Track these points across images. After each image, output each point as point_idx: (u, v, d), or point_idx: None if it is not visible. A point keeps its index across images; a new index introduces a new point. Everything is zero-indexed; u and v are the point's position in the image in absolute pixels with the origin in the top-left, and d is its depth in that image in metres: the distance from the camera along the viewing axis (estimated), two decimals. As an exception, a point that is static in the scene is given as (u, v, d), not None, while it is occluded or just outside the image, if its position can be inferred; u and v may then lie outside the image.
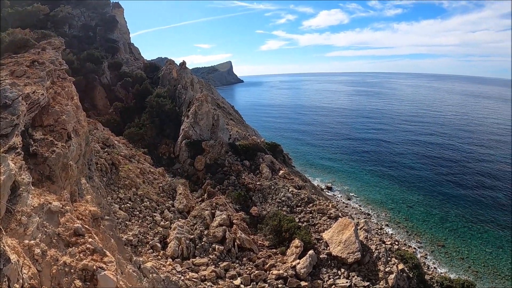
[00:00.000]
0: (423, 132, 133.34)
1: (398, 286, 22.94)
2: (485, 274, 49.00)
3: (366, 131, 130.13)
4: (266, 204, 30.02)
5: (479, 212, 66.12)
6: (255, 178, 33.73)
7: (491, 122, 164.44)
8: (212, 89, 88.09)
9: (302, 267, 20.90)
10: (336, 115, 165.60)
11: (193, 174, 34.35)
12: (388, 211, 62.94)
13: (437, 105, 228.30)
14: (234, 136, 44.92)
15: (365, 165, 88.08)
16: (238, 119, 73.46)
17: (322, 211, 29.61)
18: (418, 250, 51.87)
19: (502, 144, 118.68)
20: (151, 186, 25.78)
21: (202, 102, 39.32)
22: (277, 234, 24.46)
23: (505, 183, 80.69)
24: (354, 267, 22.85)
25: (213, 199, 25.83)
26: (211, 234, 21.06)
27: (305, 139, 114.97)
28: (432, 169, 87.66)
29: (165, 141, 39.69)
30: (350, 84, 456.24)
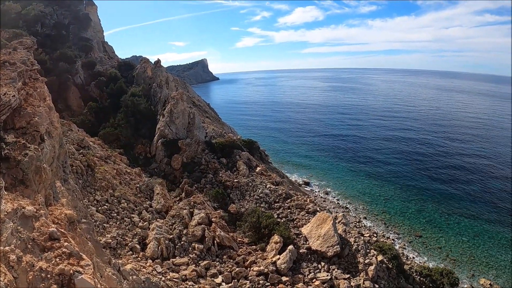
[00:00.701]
0: (398, 127, 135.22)
1: (378, 277, 23.25)
2: (463, 262, 50.13)
3: (342, 127, 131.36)
4: (244, 201, 30.00)
5: (455, 203, 67.57)
6: (232, 176, 33.67)
7: (464, 116, 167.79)
8: (187, 87, 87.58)
9: (282, 263, 20.96)
10: (312, 111, 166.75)
11: (170, 173, 34.09)
12: (366, 204, 63.73)
13: (412, 100, 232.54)
14: (210, 134, 44.80)
15: (342, 160, 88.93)
16: (214, 117, 73.24)
17: (300, 206, 29.75)
18: (396, 241, 52.69)
19: (475, 137, 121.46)
20: (128, 187, 25.46)
21: (177, 101, 39.00)
22: (256, 231, 24.47)
23: (478, 175, 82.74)
24: (334, 260, 23.07)
25: (191, 198, 25.69)
26: (190, 233, 20.92)
27: (281, 135, 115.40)
28: (407, 163, 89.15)
29: (141, 140, 39.23)
30: (326, 80, 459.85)
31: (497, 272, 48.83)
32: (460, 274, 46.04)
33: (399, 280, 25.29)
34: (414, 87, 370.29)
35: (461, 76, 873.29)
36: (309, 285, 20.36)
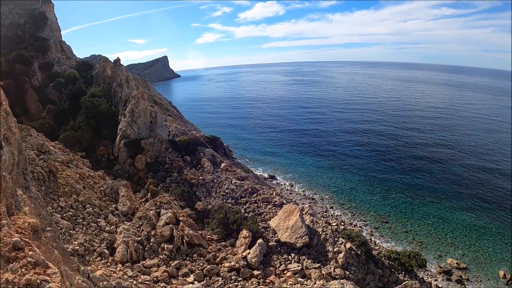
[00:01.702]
0: (359, 118, 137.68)
1: (348, 264, 23.70)
2: (429, 244, 51.79)
3: (304, 121, 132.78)
4: (210, 198, 29.89)
5: (418, 189, 69.70)
6: (197, 173, 33.50)
7: (424, 106, 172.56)
8: (148, 85, 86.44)
9: (253, 257, 21.05)
10: (274, 105, 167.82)
11: (134, 174, 33.56)
12: (332, 194, 64.72)
13: (372, 91, 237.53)
14: (173, 132, 44.38)
15: (306, 153, 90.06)
16: (177, 115, 72.61)
17: (267, 200, 29.93)
18: (363, 228, 53.80)
19: (436, 127, 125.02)
20: (92, 191, 24.90)
21: (138, 100, 38.40)
22: (225, 227, 24.48)
23: (439, 162, 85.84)
24: (303, 251, 23.39)
25: (157, 198, 25.39)
26: (159, 234, 20.69)
27: (244, 130, 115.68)
28: (370, 153, 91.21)
29: (103, 142, 38.39)
30: (287, 74, 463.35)
31: (462, 252, 50.65)
32: (427, 256, 47.72)
33: (368, 265, 25.80)
34: (374, 79, 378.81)
35: (420, 67, 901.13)
36: (281, 277, 20.52)
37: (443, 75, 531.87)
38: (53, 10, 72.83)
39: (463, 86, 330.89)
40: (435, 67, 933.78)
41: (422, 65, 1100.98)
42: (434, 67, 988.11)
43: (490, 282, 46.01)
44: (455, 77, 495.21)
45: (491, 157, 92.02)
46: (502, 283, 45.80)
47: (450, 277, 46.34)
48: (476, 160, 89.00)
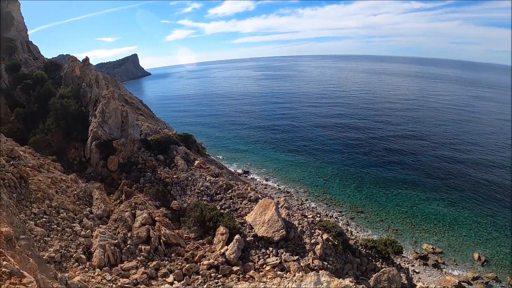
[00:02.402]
0: (331, 110, 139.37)
1: (326, 254, 23.92)
2: (404, 231, 53.08)
3: (277, 115, 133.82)
4: (185, 196, 29.79)
5: (391, 179, 71.31)
6: (171, 172, 33.32)
7: (394, 97, 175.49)
8: (118, 84, 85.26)
9: (231, 253, 21.08)
10: (246, 101, 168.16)
11: (107, 176, 33.11)
12: (306, 187, 65.43)
13: (343, 84, 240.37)
14: (145, 131, 43.96)
15: (279, 147, 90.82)
16: (148, 114, 71.90)
17: (242, 195, 30.00)
18: (339, 219, 54.66)
19: (406, 118, 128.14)
20: (65, 195, 24.44)
21: (109, 99, 37.84)
22: (201, 225, 24.41)
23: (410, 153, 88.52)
24: (281, 244, 23.53)
25: (132, 199, 25.12)
26: (135, 235, 20.47)
27: (217, 128, 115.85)
28: (343, 145, 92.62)
29: (74, 144, 37.66)
30: (258, 69, 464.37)
31: (437, 237, 52.09)
32: (403, 242, 48.99)
33: (346, 255, 26.14)
34: (345, 72, 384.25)
35: (390, 59, 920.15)
36: (260, 271, 20.59)
37: (413, 67, 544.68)
38: (19, 9, 70.75)
39: (432, 78, 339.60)
40: (405, 60, 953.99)
41: (392, 58, 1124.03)
42: (404, 59, 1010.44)
43: (465, 265, 47.50)
44: (425, 69, 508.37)
45: (462, 146, 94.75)
46: (477, 265, 47.41)
47: (426, 262, 47.68)
48: (447, 150, 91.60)
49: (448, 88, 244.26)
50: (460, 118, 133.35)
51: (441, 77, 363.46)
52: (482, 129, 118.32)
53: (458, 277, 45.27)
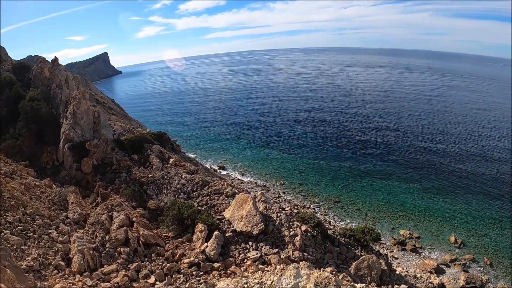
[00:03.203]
0: (304, 104, 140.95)
1: (305, 245, 24.20)
2: (381, 218, 54.31)
3: (250, 109, 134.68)
4: (162, 195, 29.59)
5: (366, 168, 72.79)
6: (146, 171, 33.00)
7: (366, 88, 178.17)
8: (89, 84, 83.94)
9: (211, 249, 21.09)
10: (219, 97, 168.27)
11: (81, 179, 32.61)
12: (283, 179, 66.09)
13: (315, 77, 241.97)
14: (118, 131, 43.51)
15: (254, 141, 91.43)
16: (121, 113, 71.09)
17: (219, 191, 29.96)
18: (317, 209, 55.44)
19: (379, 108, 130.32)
20: (40, 201, 23.99)
21: (79, 100, 37.16)
22: (180, 223, 24.33)
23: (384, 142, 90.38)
24: (260, 238, 23.69)
25: (108, 201, 24.76)
26: (113, 238, 20.22)
27: (191, 124, 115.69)
28: (318, 137, 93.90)
29: (46, 148, 36.81)
30: (230, 64, 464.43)
31: (414, 222, 53.49)
32: (381, 229, 50.34)
33: (325, 245, 26.56)
34: (317, 64, 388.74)
35: (361, 51, 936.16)
36: (241, 266, 20.67)
37: (384, 58, 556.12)
38: (-16, 12, 68.71)
39: (403, 68, 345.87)
40: (376, 51, 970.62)
41: (363, 49, 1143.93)
42: (375, 50, 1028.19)
43: (443, 248, 48.96)
44: (396, 59, 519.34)
45: (434, 136, 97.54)
46: (454, 247, 49.01)
47: (404, 247, 48.98)
48: (420, 139, 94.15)
49: (419, 78, 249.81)
50: (432, 107, 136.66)
51: (412, 67, 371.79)
52: (453, 118, 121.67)
53: (436, 260, 46.67)
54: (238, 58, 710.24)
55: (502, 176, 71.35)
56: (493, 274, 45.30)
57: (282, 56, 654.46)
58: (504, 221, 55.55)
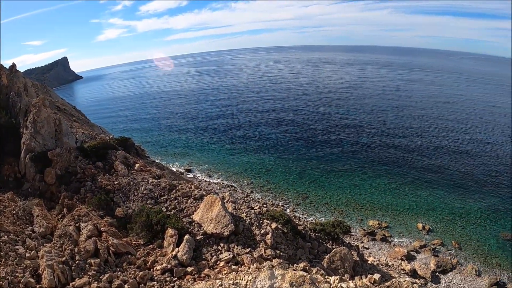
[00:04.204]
0: (268, 102, 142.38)
1: (277, 243, 24.49)
2: (350, 211, 55.81)
3: (213, 111, 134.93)
4: (130, 202, 29.11)
5: (331, 162, 74.38)
6: (112, 178, 32.38)
7: (329, 86, 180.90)
8: (49, 91, 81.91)
9: (183, 254, 20.96)
10: (182, 99, 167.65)
11: (46, 190, 31.66)
12: (250, 178, 66.61)
13: (278, 75, 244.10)
14: (81, 138, 42.68)
15: (219, 142, 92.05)
16: (83, 119, 69.67)
17: (187, 194, 29.82)
18: (285, 206, 56.15)
19: (342, 104, 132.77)
20: (4, 216, 23.17)
21: (40, 108, 36.10)
22: (149, 229, 24.01)
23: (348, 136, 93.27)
24: (232, 239, 23.78)
25: (74, 212, 24.23)
26: (83, 249, 19.76)
27: (155, 128, 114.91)
28: (282, 135, 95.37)
29: (7, 160, 35.46)
30: (193, 65, 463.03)
31: (382, 213, 55.11)
32: (350, 222, 51.77)
33: (297, 241, 26.99)
34: (279, 63, 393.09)
35: (324, 48, 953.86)
36: (215, 268, 20.66)
37: (346, 55, 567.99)
38: None
39: (365, 64, 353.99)
40: (338, 48, 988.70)
41: (326, 47, 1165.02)
42: (338, 48, 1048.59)
43: (412, 235, 50.78)
44: (358, 56, 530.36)
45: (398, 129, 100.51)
46: (422, 234, 51.15)
47: (374, 237, 50.44)
48: (384, 132, 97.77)
49: (381, 74, 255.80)
50: (394, 102, 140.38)
51: (374, 63, 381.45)
52: (416, 112, 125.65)
53: (406, 247, 48.30)
54: (201, 59, 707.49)
55: (464, 165, 74.68)
56: (463, 256, 47.53)
57: (245, 56, 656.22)
58: (468, 205, 58.13)
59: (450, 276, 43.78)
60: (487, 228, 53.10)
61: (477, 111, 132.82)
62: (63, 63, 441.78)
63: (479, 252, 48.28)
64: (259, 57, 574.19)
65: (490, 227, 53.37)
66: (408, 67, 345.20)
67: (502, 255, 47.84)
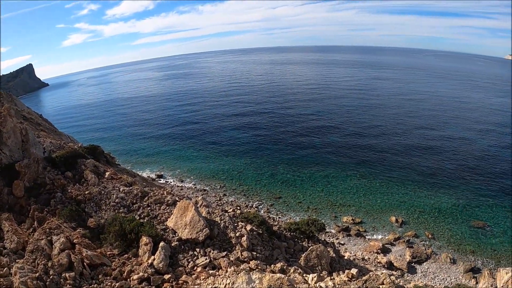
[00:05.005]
0: (237, 104, 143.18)
1: (253, 244, 24.66)
2: (323, 208, 56.80)
3: (182, 115, 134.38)
4: (102, 212, 28.57)
5: (303, 161, 75.42)
6: (82, 188, 31.71)
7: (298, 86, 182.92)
8: (14, 99, 79.75)
9: (159, 262, 20.79)
10: (150, 105, 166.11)
11: (14, 203, 30.69)
12: (222, 181, 66.74)
13: (247, 77, 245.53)
14: (49, 148, 41.59)
15: (189, 147, 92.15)
16: (50, 128, 68.12)
17: (159, 201, 29.56)
18: (259, 207, 56.55)
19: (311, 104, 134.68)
20: (-28, 233, 22.59)
21: (5, 118, 35.01)
22: (123, 238, 23.63)
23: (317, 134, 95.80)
24: (207, 243, 23.69)
25: (45, 225, 23.60)
26: (56, 263, 19.27)
27: (123, 134, 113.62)
28: (253, 137, 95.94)
29: (-27, 175, 34.77)
30: (161, 70, 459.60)
31: (355, 208, 56.32)
32: (325, 219, 52.69)
33: (272, 241, 27.13)
34: (248, 64, 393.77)
35: (292, 49, 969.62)
36: (192, 274, 20.55)
37: (315, 55, 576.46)
38: None
39: (333, 64, 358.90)
40: (306, 49, 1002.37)
41: (294, 48, 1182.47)
42: (305, 48, 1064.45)
43: (385, 229, 52.12)
44: (326, 56, 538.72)
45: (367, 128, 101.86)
46: (396, 227, 52.79)
47: (349, 233, 51.77)
48: (353, 129, 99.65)
49: (349, 73, 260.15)
50: (363, 102, 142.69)
51: (342, 63, 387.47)
52: (384, 110, 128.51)
53: (381, 241, 49.52)
54: (169, 62, 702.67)
55: (433, 160, 77.19)
56: (437, 245, 49.63)
57: (213, 59, 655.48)
58: (439, 197, 60.17)
59: (426, 266, 45.33)
60: (458, 218, 55.35)
61: (445, 107, 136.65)
62: (28, 71, 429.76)
63: (452, 241, 50.37)
64: (227, 59, 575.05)
65: (462, 217, 55.78)
66: (375, 65, 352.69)
67: (475, 242, 50.20)
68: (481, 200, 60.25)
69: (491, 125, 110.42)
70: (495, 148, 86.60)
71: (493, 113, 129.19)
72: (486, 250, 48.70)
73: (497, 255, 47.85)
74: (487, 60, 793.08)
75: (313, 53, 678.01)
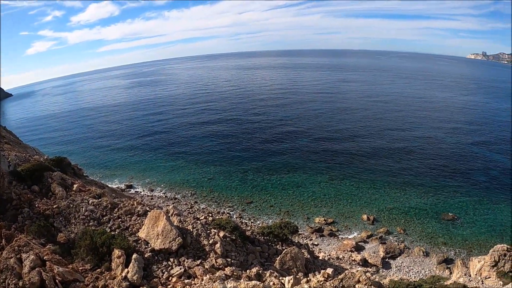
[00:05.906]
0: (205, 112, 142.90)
1: (227, 251, 24.88)
2: (295, 210, 57.65)
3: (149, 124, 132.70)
4: (71, 226, 27.76)
5: (272, 165, 76.03)
6: (50, 202, 30.78)
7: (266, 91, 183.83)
8: (-24, 112, 77.48)
9: (133, 274, 20.55)
10: (117, 115, 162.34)
11: (-20, 221, 29.99)
12: (192, 189, 66.52)
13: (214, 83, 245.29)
14: (14, 161, 40.40)
15: (157, 155, 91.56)
16: (14, 141, 66.17)
17: (130, 212, 29.12)
18: (231, 213, 56.67)
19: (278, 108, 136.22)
20: None
21: (-33, 133, 34.19)
22: (95, 252, 23.08)
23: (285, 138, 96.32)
24: (181, 252, 23.58)
25: (14, 243, 22.88)
26: (28, 282, 18.64)
27: (90, 145, 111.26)
28: (221, 143, 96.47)
29: None
30: (127, 77, 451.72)
31: (326, 209, 57.14)
32: (297, 221, 53.58)
33: (246, 246, 27.29)
34: (215, 70, 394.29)
35: (259, 54, 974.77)
36: (167, 285, 20.41)
37: (282, 59, 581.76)
38: None
39: (301, 68, 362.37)
40: (273, 53, 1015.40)
41: (261, 52, 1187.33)
42: (272, 53, 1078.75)
43: (358, 227, 53.50)
44: (293, 60, 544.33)
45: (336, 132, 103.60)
46: (368, 224, 54.59)
47: (322, 233, 52.65)
48: (322, 132, 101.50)
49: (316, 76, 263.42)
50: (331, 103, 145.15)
51: (310, 66, 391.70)
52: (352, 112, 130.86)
53: (354, 239, 50.60)
54: (135, 70, 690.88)
55: (401, 160, 79.16)
56: (409, 240, 50.99)
57: (180, 65, 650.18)
58: (408, 194, 62.07)
59: (400, 260, 46.47)
60: (428, 212, 57.24)
61: (411, 107, 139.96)
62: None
63: (424, 235, 52.06)
64: (194, 65, 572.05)
65: (431, 211, 57.78)
66: (342, 68, 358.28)
67: (446, 234, 52.06)
68: (450, 194, 62.60)
69: (458, 123, 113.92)
70: (462, 145, 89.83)
71: (459, 112, 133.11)
72: (457, 241, 50.44)
73: (468, 245, 49.66)
74: (450, 60, 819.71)
75: (281, 57, 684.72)
